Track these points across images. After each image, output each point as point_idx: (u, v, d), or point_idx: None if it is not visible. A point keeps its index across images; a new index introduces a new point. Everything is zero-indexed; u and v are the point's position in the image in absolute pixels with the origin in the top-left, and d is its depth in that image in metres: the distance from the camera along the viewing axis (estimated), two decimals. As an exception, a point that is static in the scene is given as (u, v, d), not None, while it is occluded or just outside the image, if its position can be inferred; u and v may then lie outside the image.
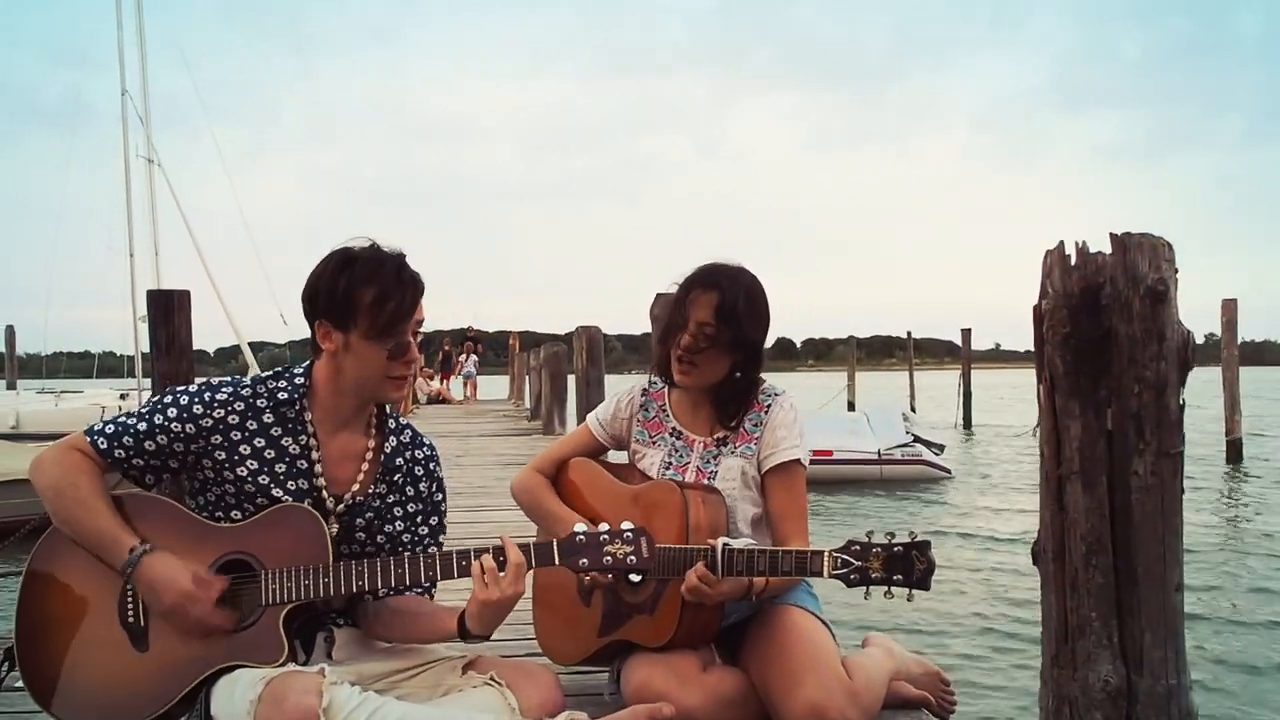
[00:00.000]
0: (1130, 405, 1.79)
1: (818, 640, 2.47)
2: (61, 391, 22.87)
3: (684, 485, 2.57)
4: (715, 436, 2.71)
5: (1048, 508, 1.90)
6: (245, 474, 2.24)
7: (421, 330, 2.33)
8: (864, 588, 2.24)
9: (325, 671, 2.05)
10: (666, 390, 2.81)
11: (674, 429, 2.76)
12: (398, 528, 2.41)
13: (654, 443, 2.77)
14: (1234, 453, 18.05)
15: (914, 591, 2.21)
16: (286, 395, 2.29)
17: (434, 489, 2.49)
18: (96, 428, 2.24)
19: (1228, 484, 16.09)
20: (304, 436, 2.30)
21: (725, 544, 2.35)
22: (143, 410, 2.26)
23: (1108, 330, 1.79)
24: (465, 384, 28.50)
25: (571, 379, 12.52)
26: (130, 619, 2.19)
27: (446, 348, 29.42)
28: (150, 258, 18.85)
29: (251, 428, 2.27)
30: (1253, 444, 19.92)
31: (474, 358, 28.81)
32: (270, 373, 2.37)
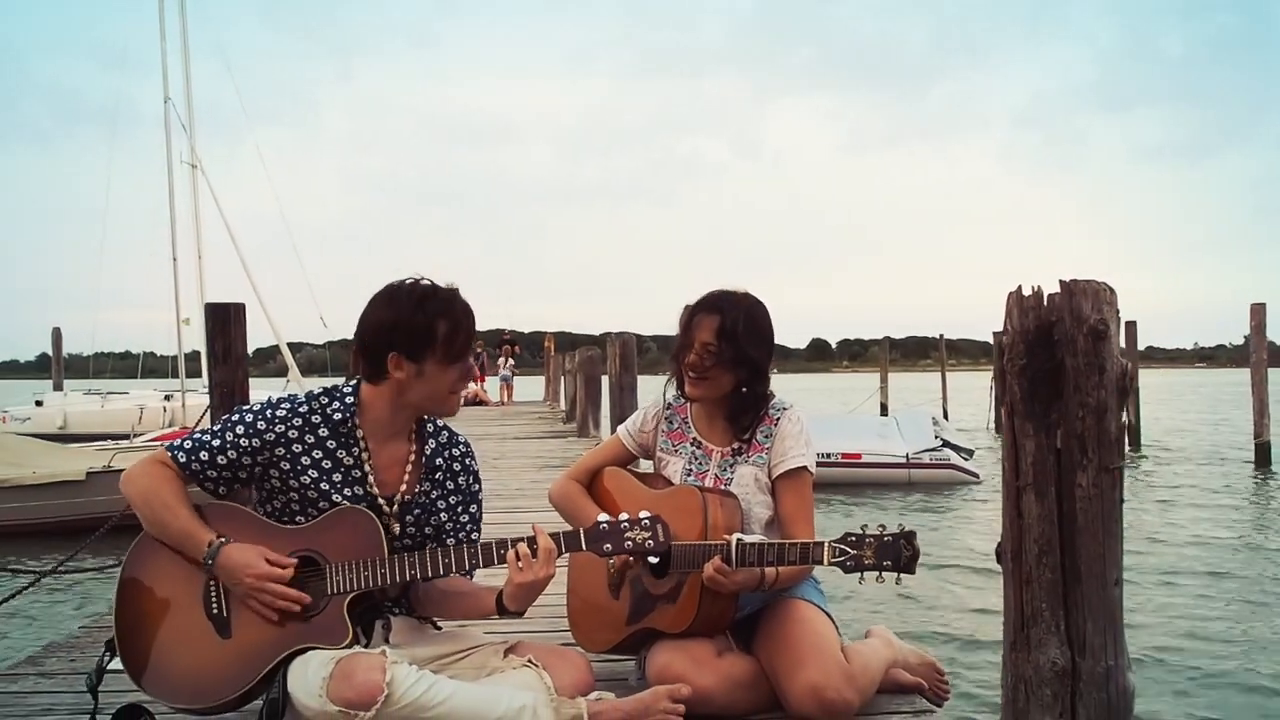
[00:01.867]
0: (1075, 427, 2.03)
1: (820, 629, 2.72)
2: (108, 393, 23.20)
3: (704, 490, 2.82)
4: (731, 447, 2.96)
5: (1007, 515, 2.15)
6: (308, 482, 2.52)
7: None
8: (859, 573, 2.51)
9: (387, 652, 2.32)
10: (689, 404, 3.06)
11: (695, 439, 3.01)
12: (442, 518, 2.68)
13: (677, 451, 3.02)
14: (1262, 456, 17.66)
15: (901, 575, 2.49)
16: (340, 415, 2.55)
17: (470, 481, 2.76)
18: (177, 444, 2.55)
19: (1257, 488, 15.78)
20: (356, 449, 2.57)
21: (739, 539, 2.61)
22: (215, 428, 2.56)
23: (1059, 363, 2.03)
24: (501, 387, 28.60)
25: (605, 380, 12.68)
26: (214, 610, 2.46)
27: (479, 349, 29.50)
28: (193, 261, 19.08)
29: (309, 441, 2.54)
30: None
31: (510, 361, 28.93)
32: (321, 390, 2.64)
